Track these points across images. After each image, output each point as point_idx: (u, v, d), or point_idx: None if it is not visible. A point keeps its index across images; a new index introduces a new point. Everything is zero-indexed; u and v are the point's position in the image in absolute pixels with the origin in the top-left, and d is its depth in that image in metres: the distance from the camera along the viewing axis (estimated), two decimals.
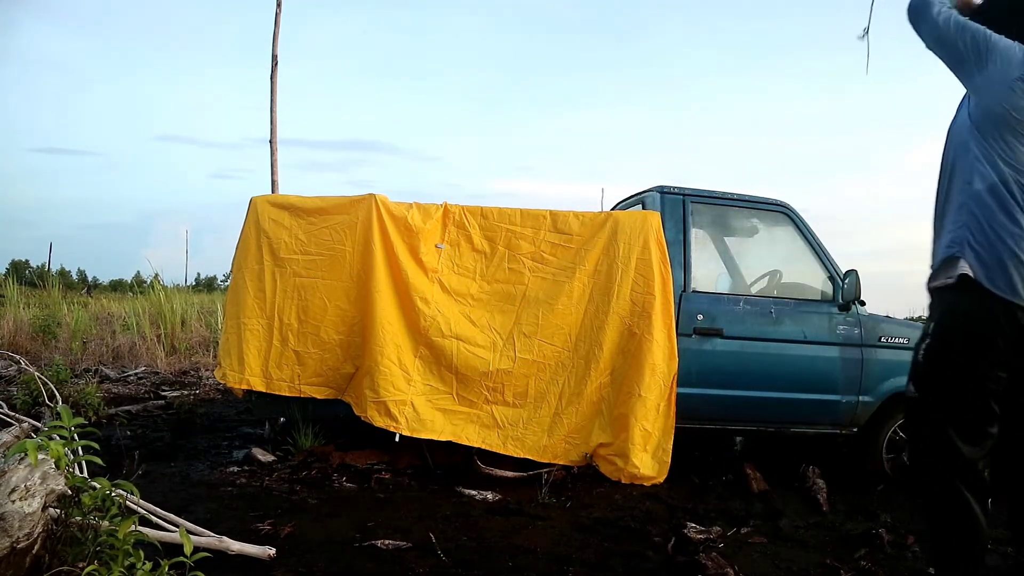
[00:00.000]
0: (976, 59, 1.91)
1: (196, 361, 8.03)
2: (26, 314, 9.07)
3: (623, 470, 3.66)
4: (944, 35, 2.00)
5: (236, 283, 3.81)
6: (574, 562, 2.61)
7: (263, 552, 2.48)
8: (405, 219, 3.78)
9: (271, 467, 3.77)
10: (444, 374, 3.75)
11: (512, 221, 3.90)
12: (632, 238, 3.85)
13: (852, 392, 3.90)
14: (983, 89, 1.90)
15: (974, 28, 1.94)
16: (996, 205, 1.80)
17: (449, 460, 3.83)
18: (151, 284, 9.72)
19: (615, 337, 3.81)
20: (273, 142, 4.79)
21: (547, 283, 3.86)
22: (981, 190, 1.84)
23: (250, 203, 3.87)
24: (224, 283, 18.32)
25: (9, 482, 1.89)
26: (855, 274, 3.85)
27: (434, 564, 2.53)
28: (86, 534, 1.94)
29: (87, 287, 21.09)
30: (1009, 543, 2.46)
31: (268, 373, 3.73)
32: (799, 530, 3.08)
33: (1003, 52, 1.88)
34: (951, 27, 1.98)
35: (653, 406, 3.70)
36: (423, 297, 3.73)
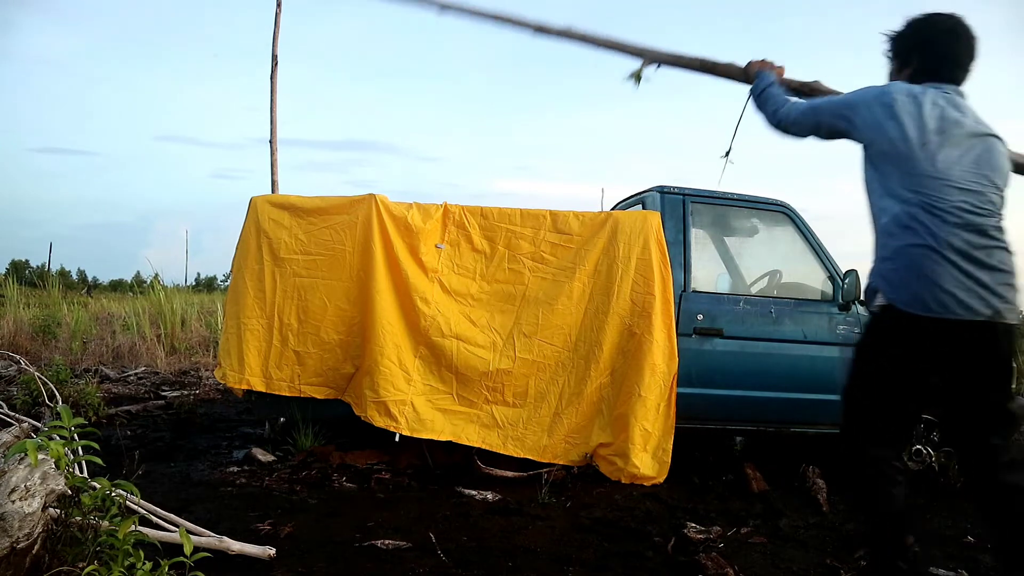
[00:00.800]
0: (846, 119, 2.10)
1: (196, 361, 8.03)
2: (26, 314, 9.07)
3: (623, 470, 3.66)
4: (813, 123, 2.20)
5: (236, 283, 3.82)
6: (574, 562, 2.61)
7: (263, 552, 2.48)
8: (405, 219, 3.78)
9: (271, 467, 3.77)
10: (444, 374, 3.75)
11: (512, 221, 3.90)
12: (632, 238, 3.85)
13: None
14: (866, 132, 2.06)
15: (826, 103, 2.17)
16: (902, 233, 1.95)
17: (449, 460, 3.83)
18: (151, 284, 9.72)
19: (615, 337, 3.81)
20: (273, 142, 4.79)
21: (547, 283, 3.86)
22: (886, 223, 2.01)
23: (250, 203, 3.87)
24: (224, 283, 18.32)
25: (9, 482, 1.89)
26: (855, 274, 3.85)
27: (434, 564, 2.53)
28: (86, 534, 1.94)
29: (87, 287, 21.08)
30: None
31: (268, 373, 3.73)
32: (799, 530, 3.08)
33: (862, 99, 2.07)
34: (813, 115, 2.19)
35: (653, 406, 3.70)
36: (423, 297, 3.73)
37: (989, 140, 2.02)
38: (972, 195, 1.93)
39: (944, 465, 3.82)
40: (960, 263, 1.87)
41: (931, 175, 1.94)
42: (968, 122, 2.00)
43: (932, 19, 2.09)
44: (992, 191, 1.97)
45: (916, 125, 1.96)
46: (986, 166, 1.98)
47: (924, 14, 2.10)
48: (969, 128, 1.99)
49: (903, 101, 1.99)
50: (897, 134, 1.98)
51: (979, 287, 1.87)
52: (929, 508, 3.50)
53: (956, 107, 2.01)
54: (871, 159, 2.07)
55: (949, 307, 1.86)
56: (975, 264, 1.88)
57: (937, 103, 1.99)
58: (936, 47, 2.08)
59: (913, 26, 2.13)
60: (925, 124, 1.96)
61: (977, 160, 1.97)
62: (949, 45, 2.07)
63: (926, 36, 2.10)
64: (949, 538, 3.06)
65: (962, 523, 3.28)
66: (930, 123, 1.96)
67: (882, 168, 2.03)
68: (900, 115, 1.98)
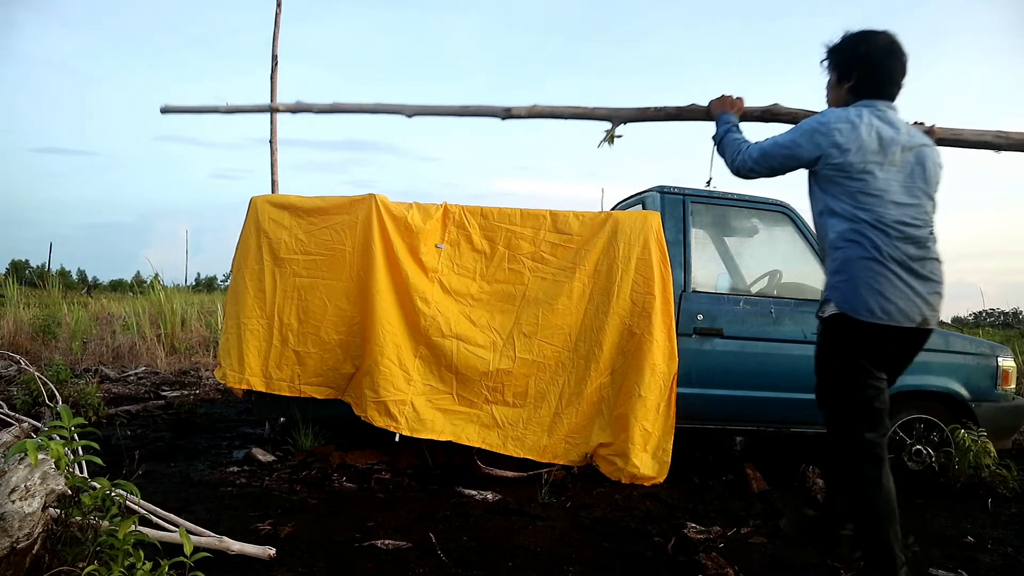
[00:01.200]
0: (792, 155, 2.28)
1: (196, 361, 8.03)
2: (26, 314, 9.07)
3: (623, 470, 3.66)
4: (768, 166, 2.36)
5: (236, 283, 3.82)
6: (574, 562, 2.61)
7: (263, 552, 2.48)
8: (405, 219, 3.78)
9: (271, 467, 3.77)
10: (444, 374, 3.75)
11: (512, 221, 3.90)
12: (632, 238, 3.85)
13: None
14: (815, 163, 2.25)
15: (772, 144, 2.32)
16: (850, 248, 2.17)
17: (449, 460, 3.83)
18: (151, 284, 9.72)
19: (615, 337, 3.81)
20: (273, 142, 4.79)
21: (547, 283, 3.86)
22: (835, 238, 2.23)
23: (250, 203, 3.87)
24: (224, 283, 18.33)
25: (9, 482, 1.89)
26: None
27: (434, 564, 2.53)
28: (86, 534, 1.94)
29: (87, 287, 21.09)
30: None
31: (268, 373, 3.73)
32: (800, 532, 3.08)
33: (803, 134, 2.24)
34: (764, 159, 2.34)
35: (653, 406, 3.70)
36: (423, 297, 3.73)
37: (922, 151, 2.21)
38: (910, 208, 2.16)
39: (944, 465, 3.82)
40: (901, 274, 2.11)
41: (873, 193, 2.15)
42: (902, 137, 2.18)
43: (870, 37, 2.23)
44: (926, 201, 2.20)
45: (856, 149, 2.16)
46: (920, 178, 2.19)
47: (863, 31, 2.25)
48: (903, 142, 2.18)
49: (842, 128, 2.17)
50: (840, 160, 2.17)
51: (915, 296, 2.13)
52: (929, 508, 3.50)
53: (890, 123, 2.19)
54: (818, 182, 2.28)
55: (892, 315, 2.12)
56: (912, 275, 2.12)
57: (872, 124, 2.17)
58: (874, 66, 2.23)
59: (852, 42, 2.26)
60: (864, 147, 2.16)
61: (912, 173, 2.19)
62: (886, 64, 2.22)
63: (865, 54, 2.24)
64: (949, 538, 3.06)
65: (962, 523, 3.28)
66: (869, 145, 2.16)
67: (829, 190, 2.24)
68: (840, 141, 2.16)
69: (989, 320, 17.90)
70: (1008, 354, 4.12)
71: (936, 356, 3.98)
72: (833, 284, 2.24)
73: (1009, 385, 4.06)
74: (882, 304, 2.11)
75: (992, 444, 3.75)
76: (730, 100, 2.65)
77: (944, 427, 3.91)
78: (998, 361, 4.02)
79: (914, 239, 2.14)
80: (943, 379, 3.95)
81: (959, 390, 3.94)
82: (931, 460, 3.87)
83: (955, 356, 4.00)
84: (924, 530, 3.14)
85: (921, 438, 3.93)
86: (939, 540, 3.03)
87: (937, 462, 3.85)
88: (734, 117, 2.59)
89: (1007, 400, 4.05)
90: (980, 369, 4.00)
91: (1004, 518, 3.40)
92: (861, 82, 2.25)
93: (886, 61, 2.23)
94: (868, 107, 2.22)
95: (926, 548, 2.91)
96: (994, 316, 18.61)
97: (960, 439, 3.75)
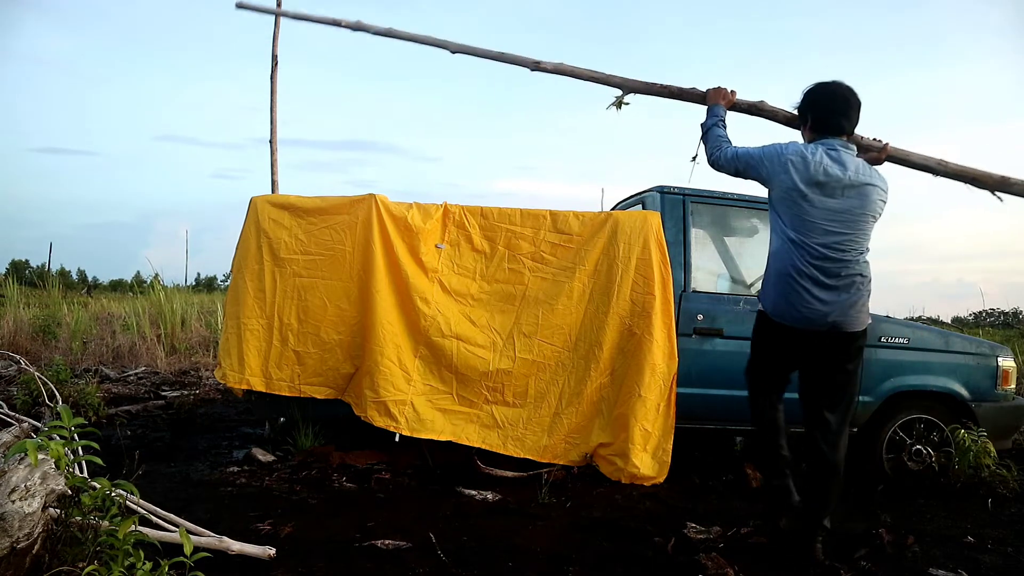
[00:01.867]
0: (756, 169, 2.70)
1: (196, 361, 8.03)
2: (26, 314, 9.07)
3: (623, 470, 3.66)
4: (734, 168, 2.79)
5: (236, 283, 3.81)
6: (574, 562, 2.61)
7: (263, 552, 2.48)
8: (405, 219, 3.78)
9: (271, 467, 3.77)
10: (444, 374, 3.75)
11: (512, 221, 3.91)
12: (632, 238, 3.85)
13: None
14: (768, 182, 2.67)
15: (744, 152, 2.74)
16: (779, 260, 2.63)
17: (449, 460, 3.83)
18: (151, 284, 9.72)
19: (615, 337, 3.81)
20: (273, 142, 4.79)
21: (547, 283, 3.86)
22: (772, 250, 2.69)
23: (250, 203, 3.87)
24: (224, 283, 18.33)
25: (9, 482, 1.89)
26: None
27: (434, 564, 2.53)
28: (86, 534, 1.94)
29: (87, 287, 21.07)
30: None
31: (268, 373, 3.73)
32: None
33: (768, 154, 2.65)
34: (735, 162, 2.77)
35: (653, 406, 3.70)
36: (423, 297, 3.73)
37: (866, 188, 2.56)
38: (838, 236, 2.54)
39: (944, 465, 3.82)
40: (812, 288, 2.54)
41: (806, 219, 2.55)
42: (848, 175, 2.54)
43: (820, 87, 2.68)
44: (853, 233, 2.55)
45: (802, 179, 2.55)
46: (858, 211, 2.55)
47: (815, 84, 2.71)
48: (848, 181, 2.54)
49: (795, 160, 2.58)
50: (789, 185, 2.57)
51: (824, 306, 2.53)
52: (929, 508, 3.50)
53: (839, 162, 2.56)
54: (771, 201, 2.69)
55: (800, 320, 2.57)
56: (824, 289, 2.53)
57: (822, 161, 2.55)
58: (822, 108, 2.66)
59: (807, 94, 2.72)
60: (810, 178, 2.54)
61: (850, 208, 2.54)
62: (831, 106, 2.63)
63: (814, 100, 2.69)
64: (949, 538, 3.06)
65: (962, 523, 3.28)
66: (813, 178, 2.54)
67: (778, 209, 2.65)
68: (791, 171, 2.57)
69: (989, 320, 17.89)
70: (1008, 354, 4.12)
71: (936, 356, 3.99)
72: (763, 288, 2.76)
73: (1009, 385, 4.06)
74: (793, 312, 2.58)
75: (992, 444, 3.75)
76: (724, 92, 2.98)
77: (944, 427, 3.91)
78: (998, 361, 4.02)
79: (834, 260, 2.54)
80: (943, 379, 3.95)
81: (959, 390, 3.94)
82: (931, 460, 3.87)
83: (955, 356, 4.01)
84: (924, 530, 3.14)
85: (921, 438, 3.93)
86: (939, 540, 3.03)
87: (937, 462, 3.85)
88: (723, 111, 2.94)
89: (1007, 400, 4.05)
90: (980, 369, 4.01)
91: (1004, 518, 3.40)
92: (815, 123, 2.68)
93: (831, 104, 2.64)
94: (824, 145, 2.60)
95: (926, 548, 2.91)
96: (994, 316, 18.59)
97: (960, 439, 3.75)
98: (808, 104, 2.71)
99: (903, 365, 3.95)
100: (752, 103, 3.01)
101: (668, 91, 3.13)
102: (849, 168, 2.55)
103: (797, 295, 2.56)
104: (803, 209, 2.55)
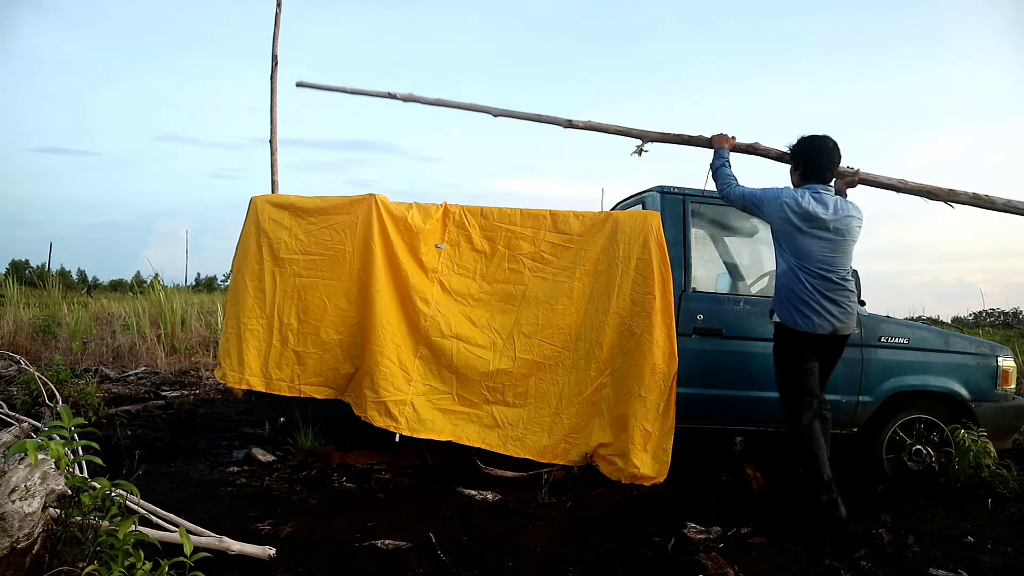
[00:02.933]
0: (759, 208, 3.33)
1: (196, 361, 8.03)
2: (26, 314, 9.07)
3: (623, 470, 3.66)
4: (741, 204, 3.44)
5: (236, 283, 3.81)
6: (574, 562, 2.61)
7: (263, 552, 2.48)
8: (405, 219, 3.78)
9: (271, 467, 3.77)
10: (444, 374, 3.74)
11: (512, 221, 3.90)
12: (632, 238, 3.85)
13: (852, 392, 3.90)
14: (769, 219, 3.32)
15: (750, 193, 3.37)
16: (787, 280, 3.25)
17: (449, 460, 3.83)
18: (151, 284, 9.72)
19: (615, 337, 3.81)
20: (273, 142, 4.77)
21: (547, 283, 3.86)
22: (780, 272, 3.32)
23: (250, 203, 3.87)
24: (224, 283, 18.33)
25: (9, 482, 1.89)
26: (855, 274, 3.84)
27: (434, 564, 2.53)
28: (86, 534, 1.94)
29: (87, 287, 21.06)
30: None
31: (268, 373, 3.73)
32: (799, 530, 3.08)
33: (768, 197, 3.28)
34: (742, 200, 3.41)
35: (653, 406, 3.70)
36: (423, 297, 3.73)
37: (847, 220, 3.19)
38: (831, 259, 3.18)
39: (944, 465, 3.82)
40: (819, 299, 3.16)
41: (802, 248, 3.19)
42: (829, 214, 3.16)
43: (812, 140, 3.30)
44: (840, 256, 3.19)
45: (797, 218, 3.18)
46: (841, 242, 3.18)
47: (809, 137, 3.31)
48: (830, 219, 3.16)
49: (789, 202, 3.19)
50: (786, 222, 3.21)
51: (828, 315, 3.16)
52: (929, 508, 3.50)
53: (822, 203, 3.18)
54: (774, 234, 3.34)
55: (810, 327, 3.17)
56: (828, 300, 3.16)
57: (810, 203, 3.17)
58: (813, 160, 3.27)
59: (800, 145, 3.33)
60: (802, 216, 3.17)
61: (834, 240, 3.17)
62: (821, 159, 3.27)
63: (807, 152, 3.30)
64: (949, 538, 3.06)
65: (962, 523, 3.28)
66: (803, 216, 3.16)
67: (779, 239, 3.29)
68: (787, 211, 3.19)
69: (989, 320, 17.88)
70: (1008, 354, 4.12)
71: (936, 356, 3.99)
72: (777, 302, 3.34)
73: (1009, 385, 4.06)
74: (804, 320, 3.18)
75: (992, 444, 3.74)
76: (726, 137, 3.63)
77: (944, 427, 3.91)
78: (998, 361, 4.02)
79: (829, 279, 3.17)
80: (943, 379, 3.95)
81: (959, 390, 3.94)
82: (931, 460, 3.87)
83: (955, 356, 4.01)
84: (924, 530, 3.15)
85: (921, 438, 3.93)
86: (939, 540, 3.03)
87: (937, 462, 3.85)
88: (727, 152, 3.58)
89: (1007, 400, 4.05)
90: (980, 369, 4.00)
91: (1004, 518, 3.40)
92: (806, 171, 3.29)
93: (820, 159, 3.26)
94: (810, 190, 3.23)
95: (926, 548, 2.91)
96: (994, 316, 18.58)
97: (960, 439, 3.74)
98: (801, 154, 3.32)
99: (903, 365, 3.95)
100: (749, 144, 3.63)
101: (680, 138, 3.74)
102: (830, 207, 3.19)
103: (808, 306, 3.17)
104: (797, 239, 3.19)
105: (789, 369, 3.28)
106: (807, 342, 3.21)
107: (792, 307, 3.21)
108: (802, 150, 3.31)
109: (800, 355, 3.24)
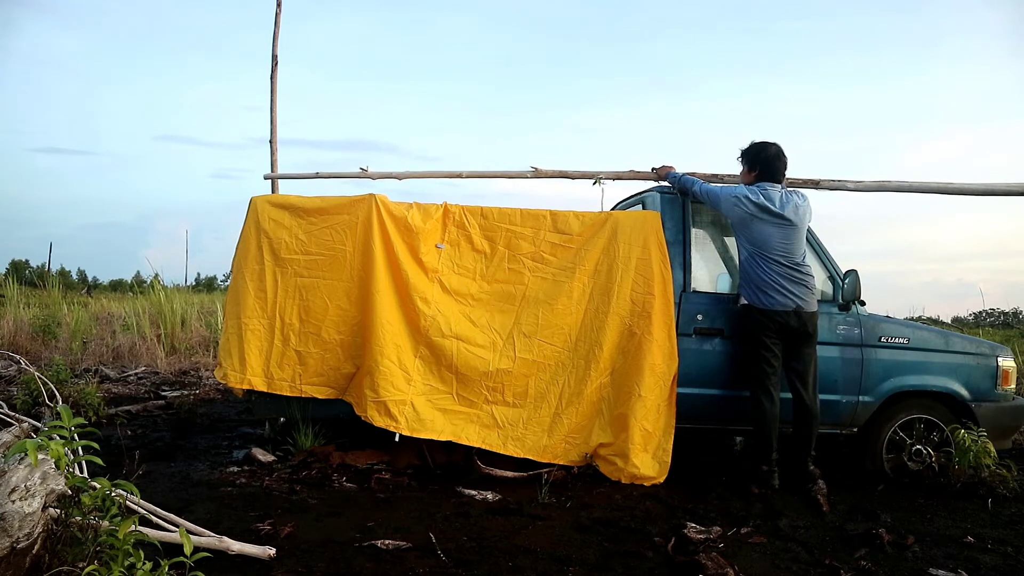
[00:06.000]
0: (717, 203, 3.80)
1: (196, 361, 8.03)
2: (26, 314, 9.08)
3: (623, 470, 3.66)
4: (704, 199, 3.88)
5: (236, 283, 3.81)
6: (574, 562, 2.61)
7: (263, 552, 2.48)
8: (405, 219, 3.78)
9: (271, 467, 3.77)
10: (444, 374, 3.75)
11: (512, 221, 3.91)
12: (632, 238, 3.85)
13: (852, 392, 3.90)
14: (727, 213, 3.78)
15: (711, 189, 3.86)
16: (750, 267, 3.68)
17: (449, 460, 3.83)
18: (151, 284, 9.73)
19: (615, 337, 3.81)
20: (273, 142, 4.77)
21: (547, 283, 3.86)
22: (742, 260, 3.76)
23: (250, 203, 3.87)
24: (224, 283, 18.33)
25: (9, 482, 1.89)
26: (855, 274, 3.85)
27: (434, 564, 2.53)
28: (86, 534, 1.94)
29: (87, 287, 21.08)
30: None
31: (269, 373, 3.73)
32: (799, 530, 3.08)
33: (725, 193, 3.76)
34: (704, 195, 3.87)
35: (653, 406, 3.70)
36: (423, 297, 3.73)
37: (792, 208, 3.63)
38: (786, 244, 3.62)
39: (944, 465, 3.82)
40: (780, 280, 3.60)
41: (760, 238, 3.64)
42: (777, 206, 3.63)
43: (765, 147, 3.78)
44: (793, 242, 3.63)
45: (754, 208, 3.64)
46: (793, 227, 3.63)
47: (762, 143, 3.79)
48: (778, 210, 3.62)
49: (745, 197, 3.67)
50: (743, 215, 3.67)
51: (789, 293, 3.60)
52: (929, 508, 3.50)
53: (770, 199, 3.65)
54: (733, 226, 3.80)
55: (775, 303, 3.61)
56: (788, 280, 3.60)
57: (760, 198, 3.64)
58: (768, 164, 3.76)
59: (757, 152, 3.80)
60: (755, 210, 3.64)
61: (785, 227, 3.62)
62: (775, 163, 3.77)
63: (764, 157, 3.77)
64: (949, 538, 3.06)
65: (962, 523, 3.28)
66: (757, 209, 3.63)
67: (738, 229, 3.76)
68: (743, 205, 3.66)
69: (989, 320, 17.89)
70: (1008, 354, 4.11)
71: (936, 356, 3.99)
72: (743, 286, 3.75)
73: (1009, 385, 4.06)
74: (769, 299, 3.62)
75: (992, 444, 3.74)
76: (666, 167, 4.12)
77: (944, 427, 3.91)
78: (998, 361, 4.02)
79: (787, 263, 3.61)
80: (943, 379, 3.95)
81: (959, 390, 3.94)
82: (931, 460, 3.87)
83: (955, 356, 4.01)
84: (924, 530, 3.15)
85: (921, 438, 3.93)
86: (939, 540, 3.02)
87: (937, 462, 3.85)
88: (675, 171, 4.06)
89: (1007, 400, 4.05)
90: (980, 369, 4.00)
91: (1004, 518, 3.40)
92: (762, 172, 3.76)
93: (774, 162, 3.76)
94: (760, 187, 3.71)
95: (926, 548, 2.91)
96: (994, 316, 18.58)
97: (960, 439, 3.74)
98: (756, 159, 3.79)
99: (903, 365, 3.95)
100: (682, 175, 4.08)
101: (631, 175, 4.28)
102: (776, 201, 3.66)
103: (771, 287, 3.61)
104: (753, 229, 3.64)
105: (754, 348, 3.66)
106: (772, 320, 3.60)
107: (756, 289, 3.64)
108: (758, 156, 3.79)
109: (766, 334, 3.62)
